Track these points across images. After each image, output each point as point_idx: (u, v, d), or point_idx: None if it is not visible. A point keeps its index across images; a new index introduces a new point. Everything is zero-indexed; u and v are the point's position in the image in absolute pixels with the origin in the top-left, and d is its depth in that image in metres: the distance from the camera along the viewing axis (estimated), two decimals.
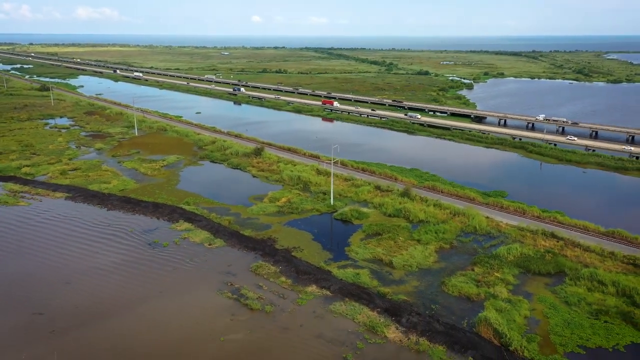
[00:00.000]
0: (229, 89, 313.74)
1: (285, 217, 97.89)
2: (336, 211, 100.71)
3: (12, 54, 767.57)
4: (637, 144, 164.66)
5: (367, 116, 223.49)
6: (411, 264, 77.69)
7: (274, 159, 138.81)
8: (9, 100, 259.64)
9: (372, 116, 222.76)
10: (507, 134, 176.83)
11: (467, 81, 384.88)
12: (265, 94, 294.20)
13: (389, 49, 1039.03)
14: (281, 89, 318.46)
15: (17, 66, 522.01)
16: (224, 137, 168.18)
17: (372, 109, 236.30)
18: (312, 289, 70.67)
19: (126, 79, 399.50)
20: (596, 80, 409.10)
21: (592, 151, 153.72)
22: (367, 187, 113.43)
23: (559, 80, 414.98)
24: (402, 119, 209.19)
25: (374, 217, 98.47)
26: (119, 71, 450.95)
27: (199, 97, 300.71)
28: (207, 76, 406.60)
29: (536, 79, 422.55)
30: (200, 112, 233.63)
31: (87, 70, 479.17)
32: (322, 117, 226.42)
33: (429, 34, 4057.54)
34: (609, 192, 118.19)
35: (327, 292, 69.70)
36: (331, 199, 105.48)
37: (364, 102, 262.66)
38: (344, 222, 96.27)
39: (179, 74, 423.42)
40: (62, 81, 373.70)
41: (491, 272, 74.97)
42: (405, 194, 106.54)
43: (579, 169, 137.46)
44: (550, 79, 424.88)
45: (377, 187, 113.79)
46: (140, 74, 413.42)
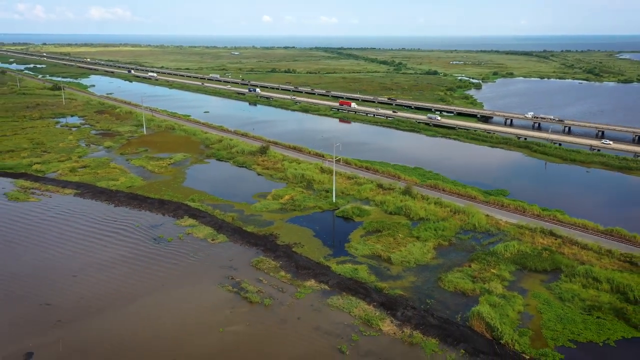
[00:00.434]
0: (244, 90, 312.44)
1: (287, 214, 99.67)
2: (338, 208, 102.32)
3: (25, 54, 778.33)
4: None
5: (386, 117, 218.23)
6: (409, 260, 79.11)
7: (279, 157, 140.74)
8: (22, 99, 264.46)
9: (390, 117, 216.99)
10: (512, 134, 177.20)
11: (475, 81, 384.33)
12: (281, 95, 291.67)
13: (399, 48, 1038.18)
14: (300, 89, 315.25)
15: (31, 66, 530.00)
16: (231, 136, 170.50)
17: (393, 110, 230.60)
18: (310, 283, 72.36)
19: (140, 79, 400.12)
20: (606, 80, 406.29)
21: (598, 151, 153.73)
22: (370, 185, 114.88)
23: (569, 80, 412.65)
24: (422, 120, 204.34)
25: (375, 214, 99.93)
26: (133, 71, 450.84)
27: (209, 97, 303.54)
28: (211, 75, 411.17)
29: (545, 79, 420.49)
30: (208, 112, 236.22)
31: (98, 70, 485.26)
32: (339, 118, 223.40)
33: (440, 34, 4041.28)
34: (611, 192, 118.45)
35: (325, 287, 71.35)
36: (333, 196, 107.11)
37: (357, 99, 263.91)
38: (346, 220, 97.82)
39: (195, 75, 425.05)
40: (74, 81, 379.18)
41: (487, 268, 76.16)
42: (406, 192, 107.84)
43: (583, 169, 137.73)
44: (560, 78, 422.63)
45: (380, 186, 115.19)
46: (154, 74, 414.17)
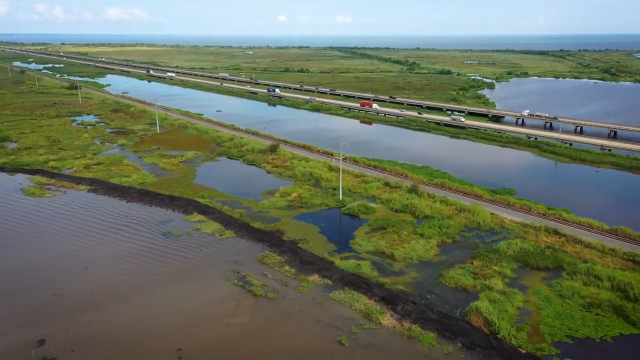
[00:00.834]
0: (256, 89, 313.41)
1: (294, 211, 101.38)
2: (344, 206, 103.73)
3: (44, 54, 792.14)
4: None
5: (415, 118, 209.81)
6: (412, 257, 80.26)
7: (288, 155, 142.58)
8: (40, 98, 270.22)
9: (417, 118, 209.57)
10: (523, 133, 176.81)
11: (488, 80, 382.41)
12: (300, 95, 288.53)
13: (414, 48, 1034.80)
14: (320, 90, 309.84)
15: (49, 65, 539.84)
16: (242, 135, 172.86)
17: (419, 112, 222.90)
18: (314, 278, 73.93)
19: (159, 80, 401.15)
20: (623, 80, 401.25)
21: (609, 151, 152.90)
22: (377, 184, 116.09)
23: (584, 79, 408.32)
24: (447, 122, 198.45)
25: (380, 212, 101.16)
26: (151, 71, 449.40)
27: (222, 96, 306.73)
28: (221, 74, 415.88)
29: (560, 79, 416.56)
30: (220, 110, 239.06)
31: (114, 69, 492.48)
32: (360, 119, 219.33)
33: (458, 33, 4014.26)
34: (620, 191, 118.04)
35: (328, 281, 72.88)
36: (340, 194, 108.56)
37: (355, 97, 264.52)
38: (352, 217, 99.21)
39: (209, 74, 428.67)
40: (91, 80, 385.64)
41: (489, 265, 77.01)
42: (413, 190, 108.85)
43: (593, 169, 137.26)
44: (575, 78, 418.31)
45: (387, 184, 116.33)
46: (173, 74, 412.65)
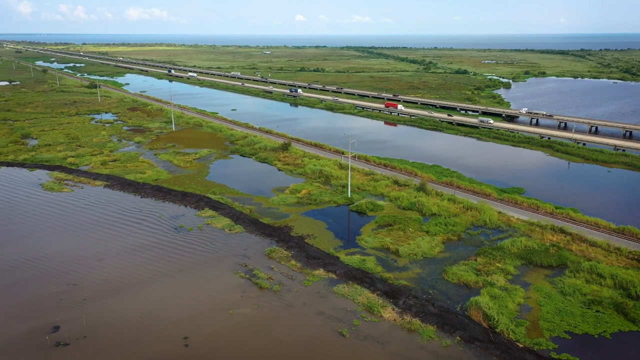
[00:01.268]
0: (270, 88, 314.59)
1: (303, 207, 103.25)
2: (353, 203, 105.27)
3: (66, 54, 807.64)
4: None
5: (440, 120, 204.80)
6: (416, 253, 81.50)
7: (299, 153, 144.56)
8: (61, 96, 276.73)
9: (443, 121, 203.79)
10: (536, 133, 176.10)
11: (505, 80, 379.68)
12: (322, 96, 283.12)
13: (431, 47, 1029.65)
14: (345, 91, 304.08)
15: (71, 65, 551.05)
16: (255, 133, 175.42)
17: (448, 114, 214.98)
18: (319, 272, 75.69)
19: (178, 79, 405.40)
20: None
21: (622, 151, 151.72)
22: (386, 182, 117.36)
23: (604, 79, 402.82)
24: (475, 124, 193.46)
25: (388, 209, 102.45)
26: (173, 71, 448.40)
27: (238, 95, 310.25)
28: (232, 73, 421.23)
29: (579, 79, 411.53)
30: (235, 109, 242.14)
31: (133, 68, 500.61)
32: (384, 120, 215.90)
33: (477, 32, 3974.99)
34: (631, 191, 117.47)
35: (333, 276, 74.58)
36: (348, 191, 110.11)
37: (364, 96, 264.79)
38: (359, 214, 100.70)
39: (225, 74, 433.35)
40: (110, 79, 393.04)
41: (493, 262, 77.87)
42: (421, 189, 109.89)
43: (605, 169, 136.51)
44: (594, 78, 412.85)
45: (395, 182, 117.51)
46: (194, 74, 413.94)
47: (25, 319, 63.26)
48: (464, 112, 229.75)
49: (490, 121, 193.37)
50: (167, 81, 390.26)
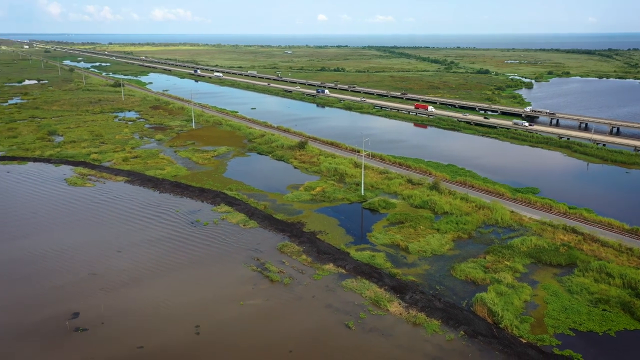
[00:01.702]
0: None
1: (317, 204, 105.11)
2: (365, 201, 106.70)
3: (92, 53, 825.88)
4: None
5: (474, 123, 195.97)
6: (426, 250, 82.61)
7: (316, 152, 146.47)
8: (86, 95, 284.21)
9: (479, 124, 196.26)
10: (555, 133, 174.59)
11: (527, 80, 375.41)
12: (349, 96, 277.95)
13: (454, 47, 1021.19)
14: (373, 92, 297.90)
15: (97, 64, 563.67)
16: (273, 131, 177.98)
17: (485, 116, 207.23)
18: (329, 267, 77.45)
19: (199, 78, 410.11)
20: None
21: None
22: (399, 180, 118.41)
23: (630, 79, 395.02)
24: (510, 126, 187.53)
25: (400, 207, 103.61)
26: (199, 71, 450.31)
27: (258, 94, 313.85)
28: (249, 72, 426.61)
29: (604, 79, 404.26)
30: (255, 108, 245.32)
31: (157, 68, 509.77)
32: (414, 122, 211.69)
33: (503, 32, 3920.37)
34: None
35: (342, 270, 76.26)
36: (362, 189, 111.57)
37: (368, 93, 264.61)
38: (372, 211, 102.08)
39: (246, 73, 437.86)
40: (134, 78, 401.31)
41: (501, 260, 78.51)
42: (434, 187, 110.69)
43: (624, 170, 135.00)
44: (620, 78, 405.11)
45: (409, 181, 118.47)
46: (220, 74, 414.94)
47: (47, 306, 66.57)
48: (482, 112, 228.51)
49: (525, 124, 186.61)
50: (190, 80, 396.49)
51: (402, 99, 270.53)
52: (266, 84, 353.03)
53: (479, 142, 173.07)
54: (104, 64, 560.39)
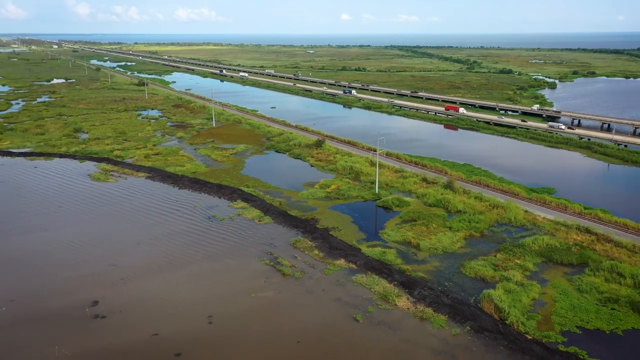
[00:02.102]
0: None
1: (331, 201, 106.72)
2: (379, 199, 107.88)
3: (118, 53, 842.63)
4: None
5: (510, 126, 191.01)
6: (437, 248, 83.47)
7: (332, 150, 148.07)
8: (111, 93, 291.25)
9: (513, 126, 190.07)
10: (575, 134, 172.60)
11: (550, 80, 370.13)
12: (378, 97, 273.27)
13: (478, 47, 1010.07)
14: (402, 93, 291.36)
15: (122, 63, 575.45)
16: (291, 130, 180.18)
17: (522, 119, 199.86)
18: (340, 262, 79.02)
19: (224, 78, 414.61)
20: None
21: None
22: (414, 179, 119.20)
23: None
24: (545, 129, 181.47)
25: (414, 205, 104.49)
26: (225, 71, 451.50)
27: (278, 93, 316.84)
28: (267, 71, 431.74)
29: (631, 79, 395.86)
30: (275, 107, 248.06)
31: (180, 67, 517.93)
32: (444, 123, 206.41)
33: (530, 31, 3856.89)
34: None
35: (353, 266, 77.76)
36: (376, 187, 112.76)
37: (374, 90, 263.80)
38: (385, 209, 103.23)
39: (267, 72, 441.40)
40: (158, 77, 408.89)
41: (512, 259, 78.93)
42: (448, 186, 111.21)
43: None
44: None
45: (424, 179, 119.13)
46: (245, 74, 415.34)
47: (68, 293, 69.77)
48: (503, 112, 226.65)
49: (561, 126, 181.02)
50: (212, 79, 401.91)
51: (421, 98, 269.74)
52: (292, 84, 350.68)
53: (497, 142, 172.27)
54: (129, 64, 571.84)
